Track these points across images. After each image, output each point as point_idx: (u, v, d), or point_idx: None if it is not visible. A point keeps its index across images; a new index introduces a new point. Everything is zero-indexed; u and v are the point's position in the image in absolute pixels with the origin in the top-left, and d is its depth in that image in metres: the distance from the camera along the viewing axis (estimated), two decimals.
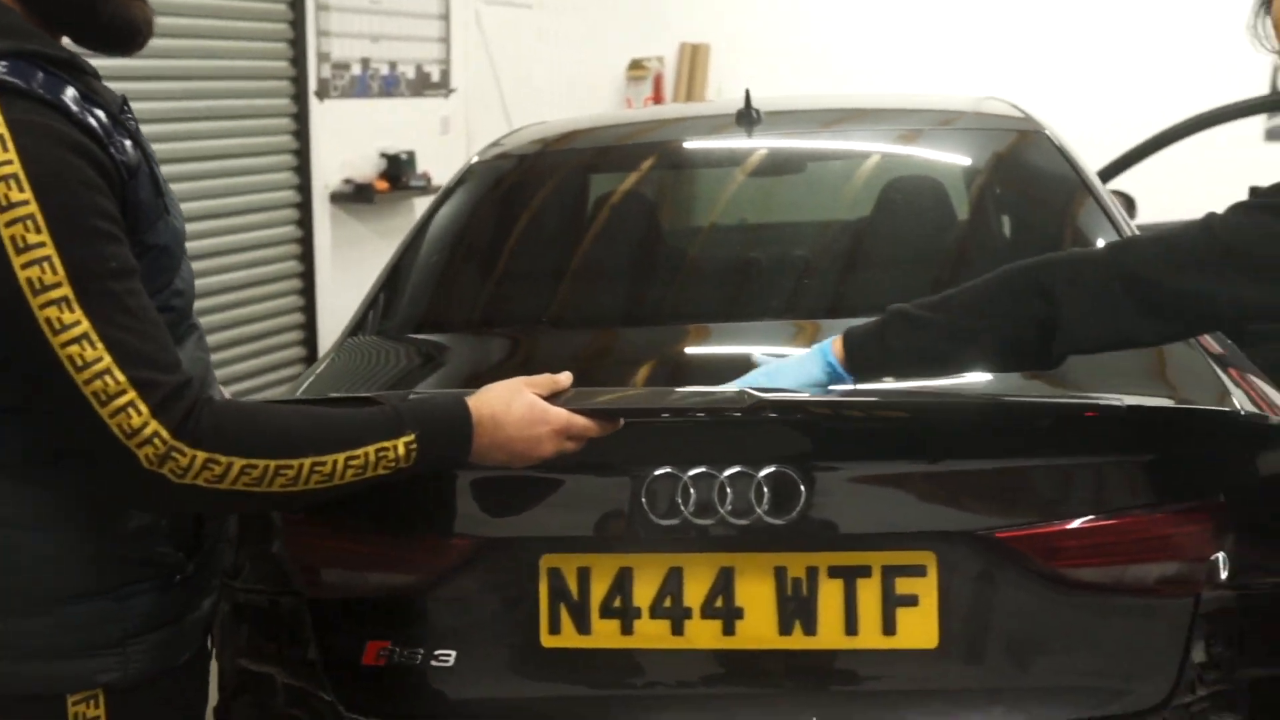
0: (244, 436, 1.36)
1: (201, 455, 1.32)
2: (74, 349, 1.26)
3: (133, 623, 1.45)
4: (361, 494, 1.77)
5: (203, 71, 5.24)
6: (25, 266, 1.24)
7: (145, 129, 1.50)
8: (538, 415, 1.54)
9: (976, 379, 1.87)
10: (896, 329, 1.66)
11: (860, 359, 1.66)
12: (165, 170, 1.52)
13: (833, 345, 1.68)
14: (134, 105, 1.50)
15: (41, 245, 1.25)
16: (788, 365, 1.71)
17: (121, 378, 1.28)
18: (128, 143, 1.38)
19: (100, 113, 1.35)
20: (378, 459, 1.44)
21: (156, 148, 1.51)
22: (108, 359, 1.27)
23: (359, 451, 1.42)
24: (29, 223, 1.24)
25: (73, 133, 1.30)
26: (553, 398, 1.57)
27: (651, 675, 1.75)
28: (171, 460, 1.30)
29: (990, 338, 1.64)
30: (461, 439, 1.51)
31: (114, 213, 1.33)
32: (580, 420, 1.56)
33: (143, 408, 1.28)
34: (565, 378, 1.61)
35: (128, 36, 1.44)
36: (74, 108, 1.31)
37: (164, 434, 1.29)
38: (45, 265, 1.25)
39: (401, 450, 1.45)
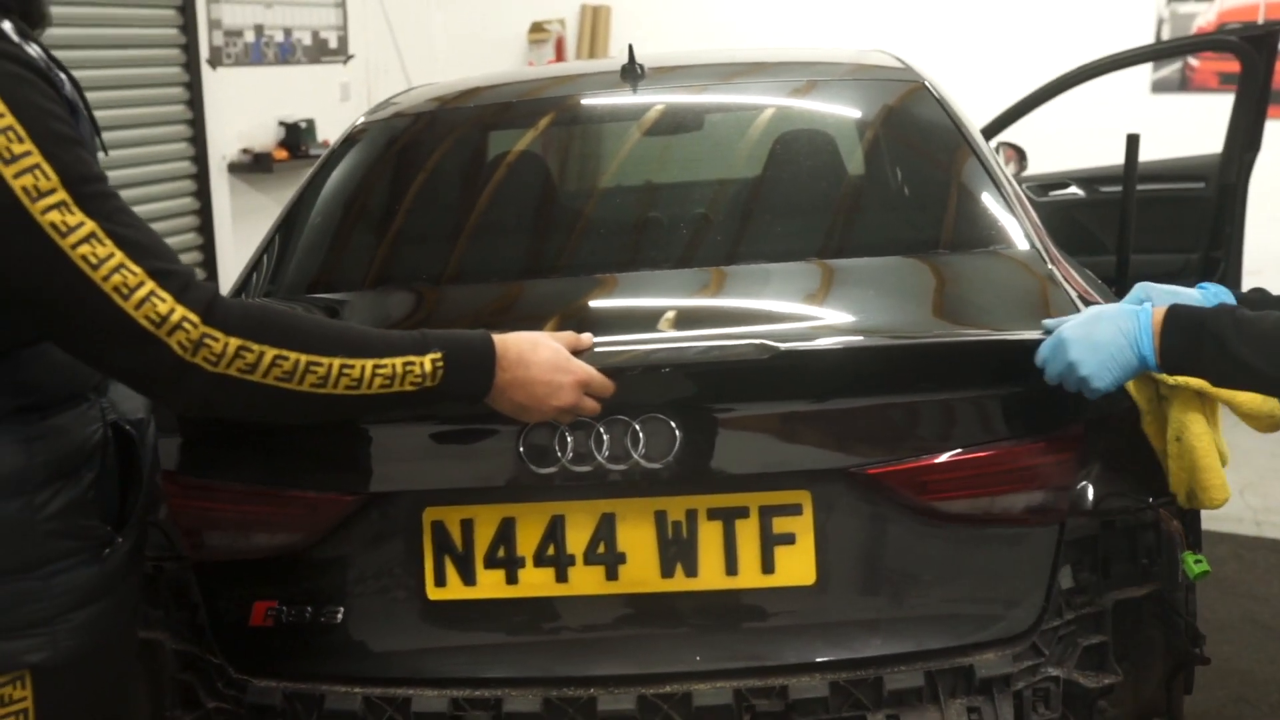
0: (273, 326, 1.37)
1: (234, 342, 1.32)
2: (85, 249, 1.26)
3: (60, 600, 1.41)
4: (245, 453, 1.78)
5: (87, 40, 5.12)
6: (17, 176, 1.24)
7: None
8: (562, 364, 1.57)
9: (841, 318, 1.91)
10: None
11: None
12: None
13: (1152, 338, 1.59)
14: None
15: (28, 154, 1.25)
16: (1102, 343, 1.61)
17: (138, 269, 1.28)
18: (64, 77, 1.38)
19: (35, 48, 1.36)
20: (404, 372, 1.45)
21: None
22: (119, 254, 1.28)
23: (387, 361, 1.44)
24: (10, 134, 1.25)
25: (26, 54, 1.30)
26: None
27: (537, 624, 1.77)
28: (205, 347, 1.31)
29: None
30: (486, 367, 1.52)
31: (76, 127, 1.33)
32: (600, 377, 1.60)
33: (165, 295, 1.29)
34: (587, 338, 1.64)
35: (44, 20, 1.44)
36: (15, 37, 1.32)
37: (193, 318, 1.30)
38: (37, 173, 1.25)
39: (429, 367, 1.47)
